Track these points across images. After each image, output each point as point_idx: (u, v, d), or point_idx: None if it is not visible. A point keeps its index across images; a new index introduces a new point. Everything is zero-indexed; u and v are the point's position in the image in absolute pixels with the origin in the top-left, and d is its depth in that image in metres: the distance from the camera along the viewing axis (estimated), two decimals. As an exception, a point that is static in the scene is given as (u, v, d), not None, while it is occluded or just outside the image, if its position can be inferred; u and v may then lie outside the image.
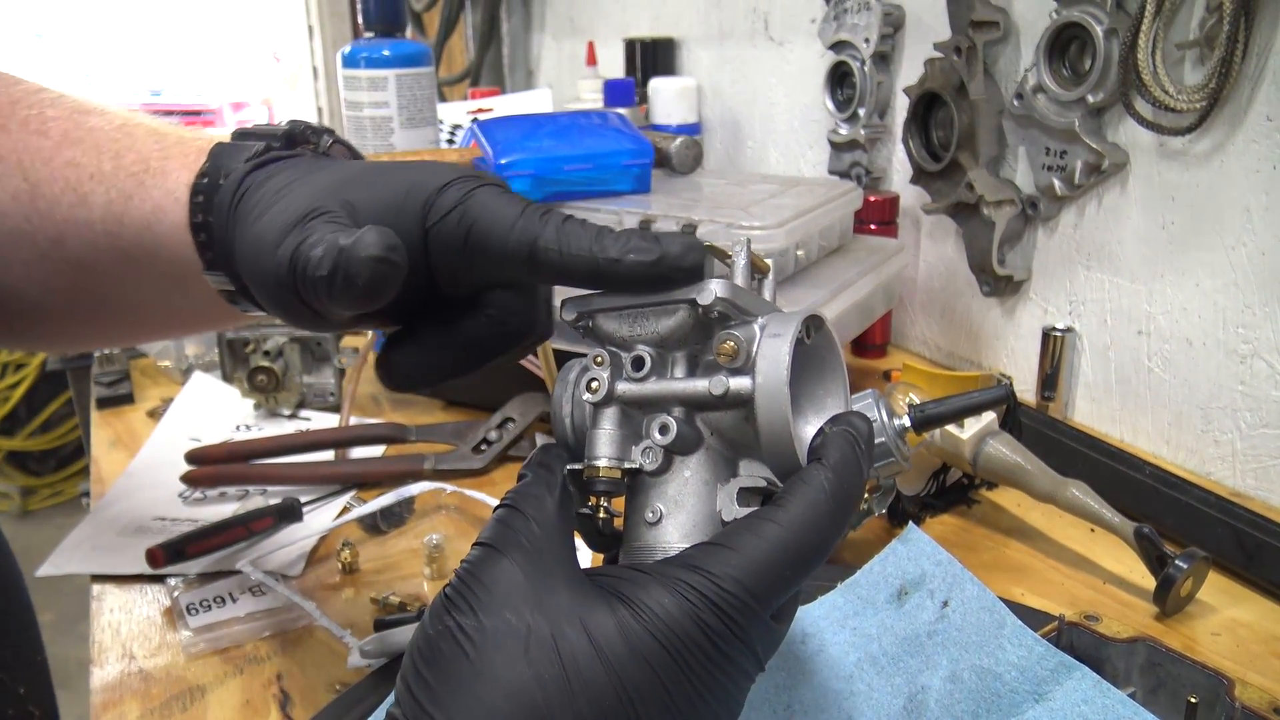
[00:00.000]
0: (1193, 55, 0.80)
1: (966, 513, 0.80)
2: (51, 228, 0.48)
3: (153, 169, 0.47)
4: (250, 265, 0.41)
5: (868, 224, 1.11)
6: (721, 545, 0.35)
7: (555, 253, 0.39)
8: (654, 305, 0.39)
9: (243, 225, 0.42)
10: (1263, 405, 0.80)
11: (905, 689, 0.50)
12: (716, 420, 0.39)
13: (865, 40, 1.11)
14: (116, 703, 0.61)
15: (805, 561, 0.35)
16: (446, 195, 0.41)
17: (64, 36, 3.08)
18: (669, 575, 0.34)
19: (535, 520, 0.36)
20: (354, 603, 0.71)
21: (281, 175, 0.43)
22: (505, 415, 0.94)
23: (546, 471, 0.39)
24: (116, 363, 1.15)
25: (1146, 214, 0.88)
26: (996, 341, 1.07)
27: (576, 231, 0.39)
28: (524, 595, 0.34)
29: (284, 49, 3.09)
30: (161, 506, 0.84)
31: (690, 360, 0.40)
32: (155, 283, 0.49)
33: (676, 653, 0.33)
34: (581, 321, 0.41)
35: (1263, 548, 0.68)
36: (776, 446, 0.37)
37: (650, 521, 0.39)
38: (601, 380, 0.39)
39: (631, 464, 0.39)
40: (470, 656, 0.33)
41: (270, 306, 0.43)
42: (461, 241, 0.41)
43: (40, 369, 3.02)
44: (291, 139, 0.47)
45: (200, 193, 0.45)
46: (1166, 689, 0.51)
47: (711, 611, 0.33)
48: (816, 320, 0.41)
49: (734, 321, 0.39)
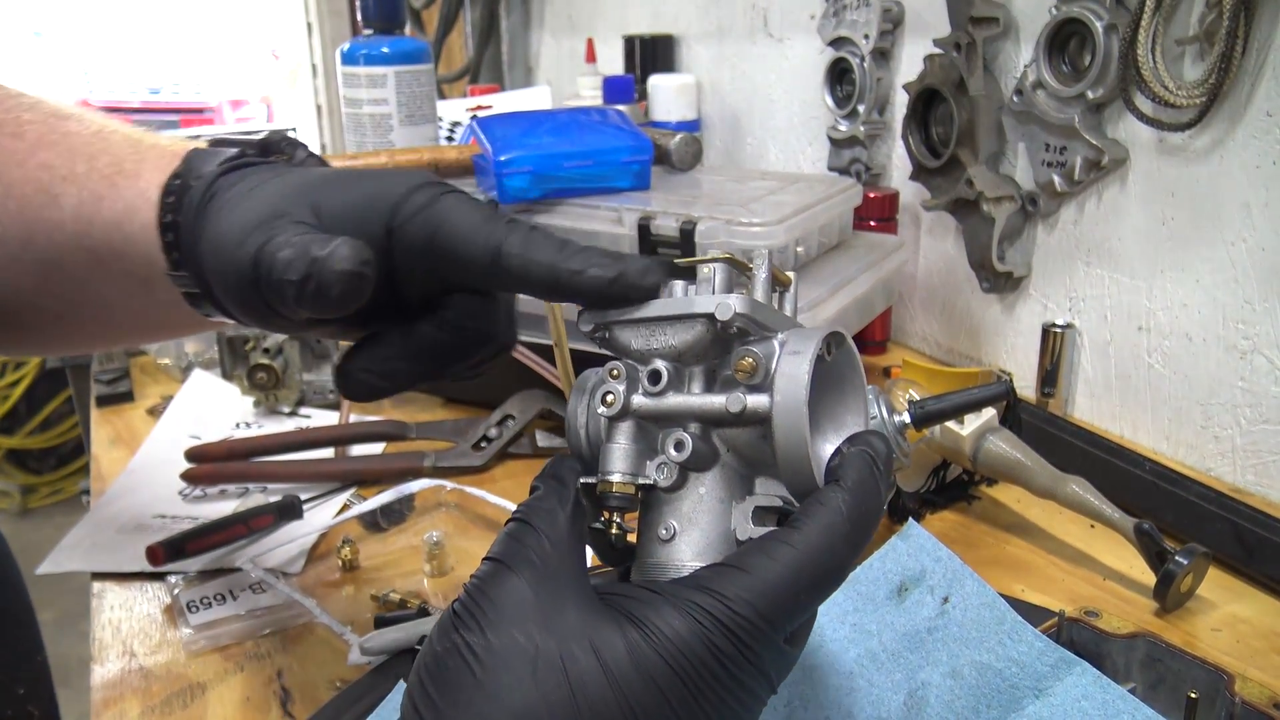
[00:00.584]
0: (1192, 51, 0.80)
1: (966, 509, 0.80)
2: (21, 228, 0.48)
3: (126, 171, 0.47)
4: (212, 261, 0.42)
5: (867, 221, 1.11)
6: (734, 567, 0.34)
7: (518, 259, 0.39)
8: (672, 319, 0.39)
9: (209, 223, 0.43)
10: (1262, 401, 0.80)
11: (905, 685, 0.50)
12: (733, 437, 0.39)
13: (865, 36, 1.11)
14: (117, 700, 0.61)
15: (820, 586, 0.34)
16: (413, 200, 0.41)
17: (62, 35, 3.08)
18: (680, 596, 0.33)
19: (546, 536, 0.36)
20: (354, 600, 0.71)
21: (251, 178, 0.44)
22: (505, 412, 0.94)
23: (559, 485, 0.38)
24: (116, 360, 1.14)
25: (1146, 210, 0.88)
26: (996, 338, 1.06)
27: (540, 241, 0.40)
28: (532, 614, 0.33)
29: (283, 46, 3.08)
30: (161, 504, 0.84)
31: (708, 375, 0.39)
32: (121, 283, 0.49)
33: (686, 675, 0.32)
34: (598, 333, 0.41)
35: (1263, 543, 0.68)
36: (794, 466, 0.36)
37: (663, 538, 0.38)
38: (617, 393, 0.38)
39: (646, 479, 0.38)
40: (477, 675, 0.32)
41: (231, 304, 0.43)
42: (426, 244, 0.41)
43: (40, 367, 3.02)
44: (266, 148, 0.48)
45: (171, 193, 0.45)
46: (1167, 684, 0.51)
47: (723, 634, 0.32)
48: (838, 337, 0.40)
49: (753, 337, 0.38)
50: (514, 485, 0.86)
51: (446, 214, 0.41)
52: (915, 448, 0.77)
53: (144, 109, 3.15)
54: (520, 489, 0.84)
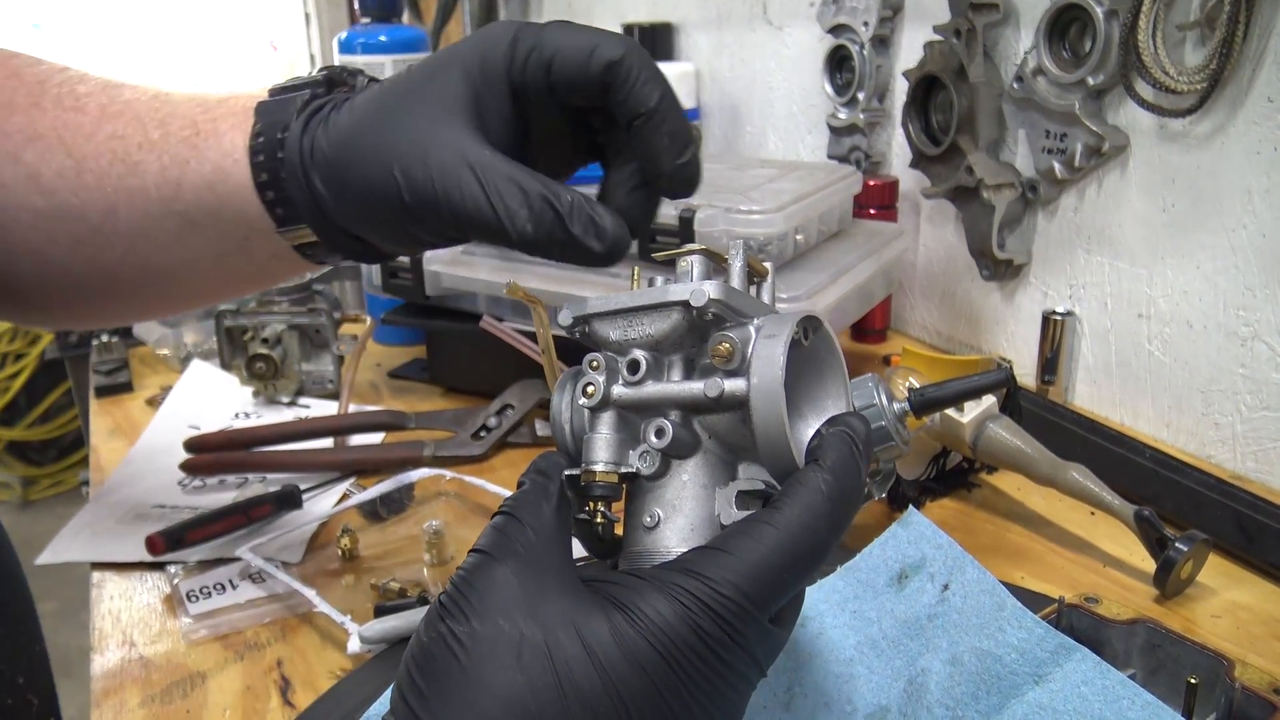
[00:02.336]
0: (1193, 36, 0.79)
1: (967, 496, 0.80)
2: (102, 200, 0.48)
3: (203, 131, 0.48)
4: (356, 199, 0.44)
5: (867, 208, 1.11)
6: (718, 549, 0.34)
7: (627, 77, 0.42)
8: (648, 308, 0.39)
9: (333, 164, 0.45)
10: (1263, 388, 0.80)
11: (905, 672, 0.50)
12: (713, 423, 0.39)
13: (864, 24, 1.10)
14: (117, 690, 0.61)
15: (803, 565, 0.35)
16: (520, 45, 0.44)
17: (61, 27, 3.07)
18: (664, 580, 0.33)
19: (531, 527, 0.36)
20: (354, 589, 0.71)
21: (345, 110, 0.45)
22: (504, 402, 0.94)
23: (544, 479, 0.39)
24: (115, 351, 1.14)
25: (1147, 197, 0.87)
26: (996, 326, 1.06)
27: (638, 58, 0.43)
28: (518, 602, 0.33)
29: (281, 37, 3.07)
30: (161, 494, 0.84)
31: (687, 363, 0.40)
32: (217, 244, 0.50)
33: (672, 659, 0.32)
34: (577, 327, 0.41)
35: (1263, 530, 0.68)
36: (773, 448, 0.37)
37: (648, 526, 0.38)
38: (597, 384, 0.39)
39: (628, 468, 0.38)
40: (463, 664, 0.32)
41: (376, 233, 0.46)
42: (548, 81, 0.43)
43: (39, 359, 3.02)
44: (330, 84, 0.48)
45: (259, 152, 0.46)
46: (1166, 670, 0.51)
47: (708, 617, 0.33)
48: (814, 321, 0.40)
49: (729, 324, 0.39)
50: (513, 474, 0.86)
51: (553, 43, 0.43)
52: (915, 436, 0.77)
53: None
54: (520, 478, 0.84)
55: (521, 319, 0.93)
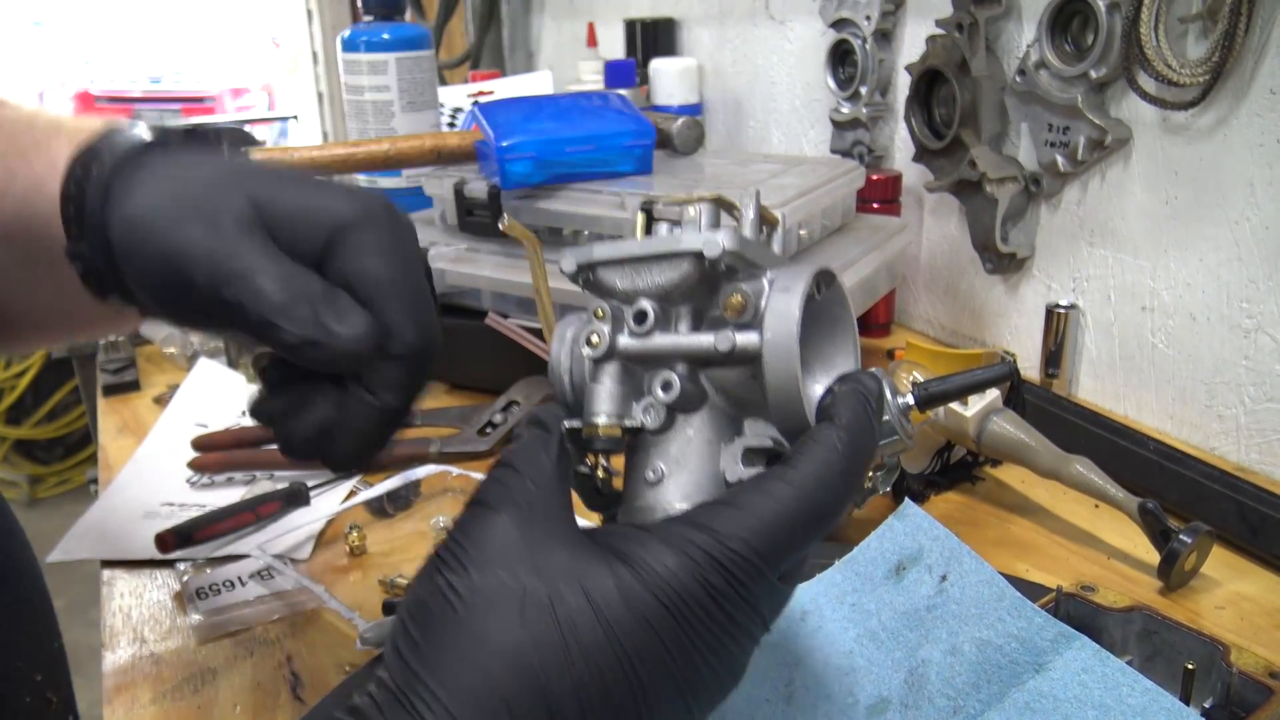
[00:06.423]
0: (1196, 29, 0.79)
1: (971, 490, 0.81)
2: None
3: (40, 144, 0.45)
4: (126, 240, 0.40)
5: (870, 203, 1.11)
6: (728, 504, 0.33)
7: None
8: (658, 257, 0.38)
9: (126, 197, 0.40)
10: (1267, 380, 0.80)
11: (905, 663, 0.50)
12: (722, 377, 0.38)
13: (866, 18, 1.10)
14: (128, 686, 0.61)
15: (817, 522, 0.34)
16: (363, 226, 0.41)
17: (63, 25, 3.07)
18: (673, 534, 0.33)
19: (531, 478, 0.35)
20: (362, 585, 0.71)
21: (179, 158, 0.42)
22: (510, 398, 0.94)
23: (543, 430, 0.37)
24: (122, 350, 1.15)
25: (1150, 189, 0.87)
26: (1000, 319, 1.06)
27: None
28: (519, 554, 0.32)
29: (283, 34, 3.08)
30: (169, 492, 0.85)
31: (695, 315, 0.38)
32: (26, 269, 0.46)
33: (679, 613, 0.31)
34: (582, 274, 0.40)
35: (1267, 522, 0.69)
36: (784, 405, 0.36)
37: (651, 481, 0.37)
38: (602, 334, 0.38)
39: (632, 422, 0.37)
40: (461, 615, 0.31)
41: (143, 290, 0.41)
42: None
43: (46, 357, 3.03)
44: (193, 136, 0.46)
45: (79, 163, 0.42)
46: (1163, 656, 0.51)
47: (717, 571, 0.32)
48: (828, 275, 0.39)
49: (741, 275, 0.37)
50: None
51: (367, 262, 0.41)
52: (919, 429, 0.77)
53: (145, 98, 3.15)
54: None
55: (527, 315, 0.93)
